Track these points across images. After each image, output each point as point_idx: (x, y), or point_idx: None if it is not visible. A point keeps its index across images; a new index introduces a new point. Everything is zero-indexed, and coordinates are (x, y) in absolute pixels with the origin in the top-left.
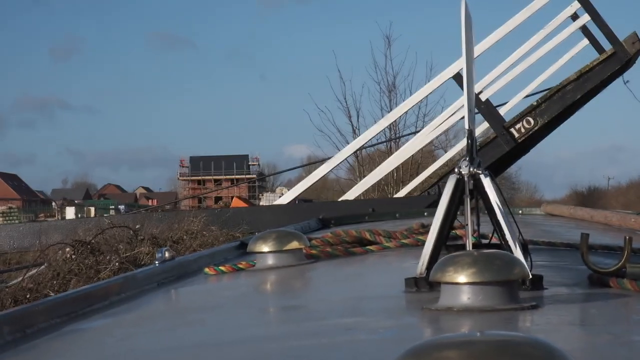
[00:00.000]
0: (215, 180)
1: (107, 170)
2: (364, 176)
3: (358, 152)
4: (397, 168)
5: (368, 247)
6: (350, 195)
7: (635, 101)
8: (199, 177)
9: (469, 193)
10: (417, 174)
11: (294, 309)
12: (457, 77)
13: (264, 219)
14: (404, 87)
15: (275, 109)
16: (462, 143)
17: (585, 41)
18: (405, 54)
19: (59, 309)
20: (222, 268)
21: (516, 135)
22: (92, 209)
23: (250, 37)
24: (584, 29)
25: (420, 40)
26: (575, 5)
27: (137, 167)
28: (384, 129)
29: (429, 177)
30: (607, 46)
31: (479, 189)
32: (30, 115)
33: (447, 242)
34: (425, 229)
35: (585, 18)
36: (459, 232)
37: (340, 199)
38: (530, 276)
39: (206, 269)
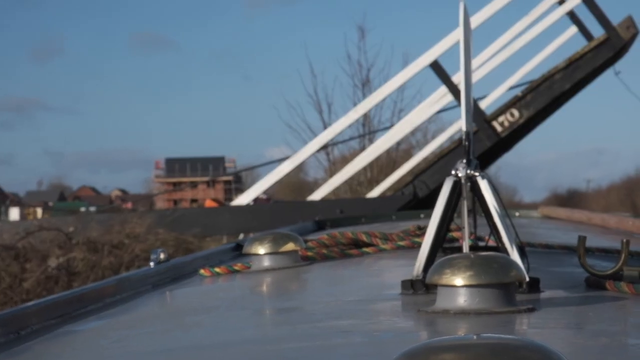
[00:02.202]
0: (191, 182)
1: (85, 172)
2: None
3: (330, 151)
4: (371, 168)
5: (364, 249)
6: (317, 195)
7: (616, 101)
8: (175, 179)
9: (465, 195)
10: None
11: (290, 311)
12: (435, 65)
13: (221, 221)
14: (379, 80)
15: (257, 111)
16: (439, 140)
17: (573, 29)
18: (380, 45)
19: (53, 310)
20: (217, 270)
21: (499, 129)
22: (39, 210)
23: (234, 38)
24: (572, 15)
25: (397, 32)
26: None
27: (115, 169)
28: (357, 125)
29: (404, 175)
30: (597, 33)
31: (475, 191)
32: (9, 117)
33: (443, 244)
34: (422, 230)
35: (573, 2)
36: (455, 234)
37: (307, 199)
38: (527, 279)
39: (201, 271)
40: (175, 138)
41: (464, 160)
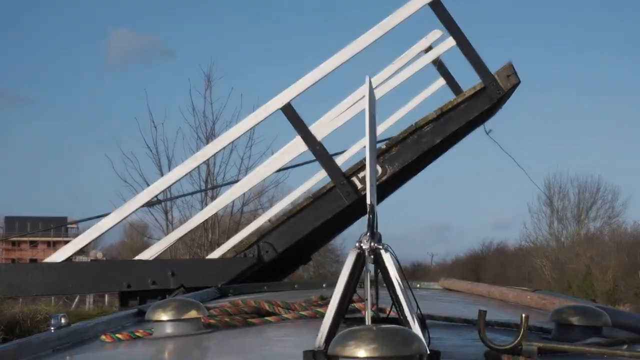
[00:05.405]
0: (31, 242)
1: None
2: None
3: (169, 210)
4: (213, 230)
5: (267, 318)
6: (147, 254)
7: (463, 177)
8: (14, 238)
9: (368, 267)
10: None
11: None
12: (288, 110)
13: (31, 280)
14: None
15: (106, 172)
16: (286, 201)
17: (440, 82)
18: (228, 96)
19: None
20: (118, 336)
21: (359, 186)
22: None
23: (91, 99)
24: (440, 65)
25: (248, 82)
26: (432, 36)
27: None
28: (199, 181)
29: (250, 236)
30: (466, 86)
31: (378, 263)
32: None
33: (345, 315)
34: (324, 301)
35: (440, 49)
36: (357, 305)
37: (135, 258)
38: (428, 352)
39: (102, 337)
40: (20, 196)
41: (367, 233)
